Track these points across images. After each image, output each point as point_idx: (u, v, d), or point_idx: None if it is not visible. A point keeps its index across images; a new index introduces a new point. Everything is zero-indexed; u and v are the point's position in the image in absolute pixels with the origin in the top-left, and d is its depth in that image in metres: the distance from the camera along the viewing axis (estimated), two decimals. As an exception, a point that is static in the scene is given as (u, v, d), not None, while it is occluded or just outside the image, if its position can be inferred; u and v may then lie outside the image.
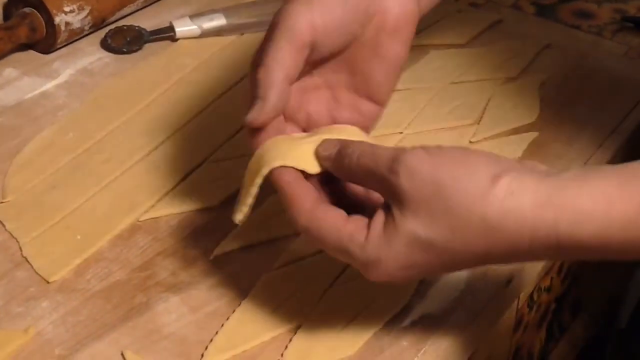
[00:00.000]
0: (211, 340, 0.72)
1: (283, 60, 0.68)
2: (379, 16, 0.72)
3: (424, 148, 0.63)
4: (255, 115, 0.69)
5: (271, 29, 0.70)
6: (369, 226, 0.64)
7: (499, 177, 0.60)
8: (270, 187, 0.85)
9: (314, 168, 0.68)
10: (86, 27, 1.03)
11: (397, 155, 0.63)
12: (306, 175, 0.68)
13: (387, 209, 0.63)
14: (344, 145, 0.67)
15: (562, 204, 0.59)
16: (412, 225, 0.62)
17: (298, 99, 0.73)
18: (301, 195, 0.66)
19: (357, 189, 0.69)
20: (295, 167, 0.67)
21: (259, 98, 0.68)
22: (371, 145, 0.66)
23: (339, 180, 0.69)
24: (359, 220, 0.64)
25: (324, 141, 0.68)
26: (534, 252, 0.61)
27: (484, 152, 0.63)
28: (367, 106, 0.75)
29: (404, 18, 0.73)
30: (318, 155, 0.68)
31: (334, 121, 0.74)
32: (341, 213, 0.65)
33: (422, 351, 0.72)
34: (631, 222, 0.58)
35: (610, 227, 0.58)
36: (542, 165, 0.64)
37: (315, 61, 0.72)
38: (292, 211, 0.66)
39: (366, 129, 0.74)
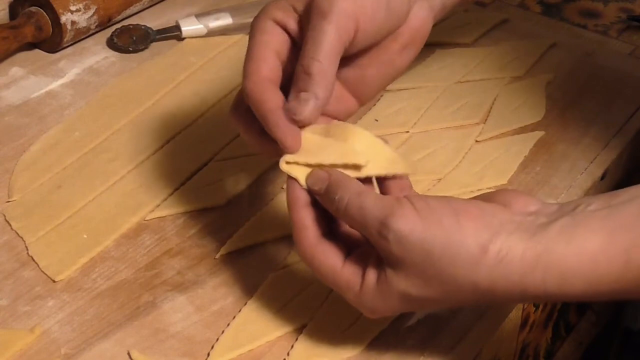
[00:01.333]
0: (217, 340, 0.72)
1: (334, 54, 0.67)
2: (401, 27, 0.72)
3: (414, 207, 0.62)
4: (306, 115, 0.67)
5: (317, 15, 0.67)
6: (363, 277, 0.65)
7: (488, 245, 0.61)
8: (275, 187, 0.85)
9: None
10: (92, 26, 1.03)
11: (385, 218, 0.62)
12: None
13: (380, 264, 0.64)
14: (332, 186, 0.66)
15: (548, 266, 0.60)
16: (405, 286, 0.63)
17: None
18: (308, 227, 0.66)
19: None
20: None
21: (311, 93, 0.67)
22: (358, 194, 0.64)
23: None
24: (354, 268, 0.65)
25: (313, 173, 0.67)
26: (527, 301, 0.69)
27: (473, 210, 0.63)
28: (350, 101, 0.74)
29: (420, 34, 0.73)
30: (308, 186, 0.67)
31: None
32: (339, 256, 0.66)
33: (427, 351, 0.72)
34: (616, 278, 0.59)
35: (597, 284, 0.60)
36: (530, 201, 0.64)
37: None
38: (297, 241, 0.67)
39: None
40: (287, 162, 0.68)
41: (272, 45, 0.69)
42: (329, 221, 0.68)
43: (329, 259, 0.66)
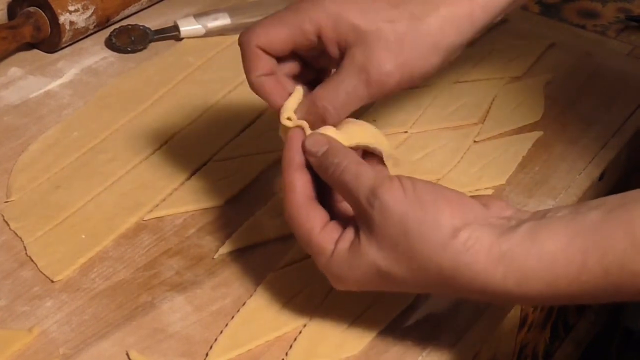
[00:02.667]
0: (216, 340, 0.72)
1: (352, 108, 0.72)
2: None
3: (401, 183, 0.65)
4: (318, 150, 0.70)
5: (354, 73, 0.70)
6: (337, 242, 0.67)
7: (459, 231, 0.63)
8: (273, 187, 0.85)
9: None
10: (91, 27, 1.03)
11: (376, 187, 0.65)
12: None
13: (356, 230, 0.66)
14: (331, 150, 0.69)
15: (510, 263, 0.62)
16: (375, 255, 0.65)
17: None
18: (297, 188, 0.69)
19: None
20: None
21: (324, 137, 0.70)
22: (357, 163, 0.68)
23: None
24: (330, 233, 0.67)
25: (313, 135, 0.70)
26: (486, 299, 0.67)
27: (453, 198, 0.65)
28: None
29: (387, 79, 0.72)
30: (304, 148, 0.69)
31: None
32: (321, 219, 0.68)
33: (426, 350, 0.72)
34: (573, 280, 0.61)
35: (555, 285, 0.62)
36: (507, 207, 0.66)
37: None
38: (284, 197, 0.69)
39: None
40: (288, 119, 0.71)
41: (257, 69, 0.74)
42: (318, 190, 0.70)
43: (309, 222, 0.68)
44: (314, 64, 0.75)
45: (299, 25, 0.71)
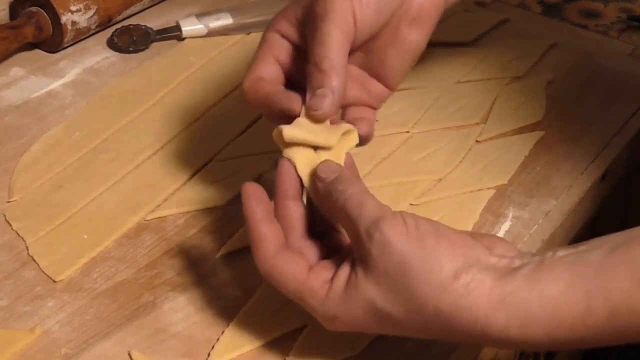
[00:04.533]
0: (218, 340, 0.72)
1: (342, 49, 0.69)
2: (405, 4, 0.73)
3: (404, 220, 0.63)
4: (326, 109, 0.69)
5: (317, 18, 0.69)
6: (332, 280, 0.65)
7: (460, 273, 0.61)
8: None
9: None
10: (93, 27, 1.03)
11: (378, 220, 0.63)
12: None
13: (353, 265, 0.64)
14: (340, 178, 0.67)
15: (512, 309, 0.60)
16: (372, 293, 0.63)
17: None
18: (266, 238, 0.66)
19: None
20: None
21: (327, 88, 0.69)
22: (362, 193, 0.66)
23: None
24: (321, 274, 0.66)
25: (326, 162, 0.68)
26: (487, 343, 0.66)
27: (455, 240, 0.63)
28: (376, 87, 0.76)
29: (427, 9, 0.73)
30: (316, 174, 0.68)
31: None
32: (303, 264, 0.66)
33: (427, 352, 0.72)
34: (577, 325, 0.59)
35: (557, 330, 0.60)
36: (511, 248, 0.65)
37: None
38: (254, 253, 0.67)
39: (372, 108, 0.76)
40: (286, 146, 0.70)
41: (272, 52, 0.72)
42: (311, 230, 0.69)
43: (292, 267, 0.66)
44: None
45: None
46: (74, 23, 1.00)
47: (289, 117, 0.70)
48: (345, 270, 0.65)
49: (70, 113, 0.94)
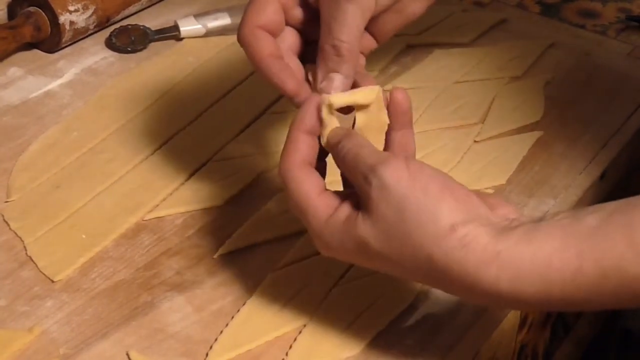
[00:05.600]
0: (216, 340, 0.72)
1: (360, 33, 0.71)
2: None
3: (407, 163, 0.64)
4: (337, 89, 0.70)
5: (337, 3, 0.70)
6: (335, 209, 0.66)
7: (457, 226, 0.62)
8: (273, 187, 0.85)
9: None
10: (91, 26, 1.03)
11: (375, 164, 0.64)
12: None
13: (356, 205, 0.65)
14: (342, 138, 0.68)
15: (504, 264, 0.61)
16: (368, 232, 0.64)
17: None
18: (297, 147, 0.68)
19: None
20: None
21: (342, 74, 0.70)
22: (359, 145, 0.66)
23: None
24: (329, 200, 0.66)
25: (335, 129, 0.69)
26: (475, 298, 0.64)
27: (460, 193, 0.64)
28: (369, 40, 0.77)
29: None
30: (329, 140, 0.68)
31: None
32: (318, 184, 0.67)
33: (426, 350, 0.72)
34: (568, 283, 0.60)
35: (550, 287, 0.60)
36: (514, 210, 0.66)
37: None
38: (283, 158, 0.68)
39: (361, 57, 0.76)
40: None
41: None
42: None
43: (307, 183, 0.67)
44: (314, 37, 0.74)
45: None
46: (72, 23, 1.00)
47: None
48: (347, 205, 0.65)
49: (69, 113, 0.94)
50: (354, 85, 0.72)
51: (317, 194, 0.67)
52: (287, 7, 0.73)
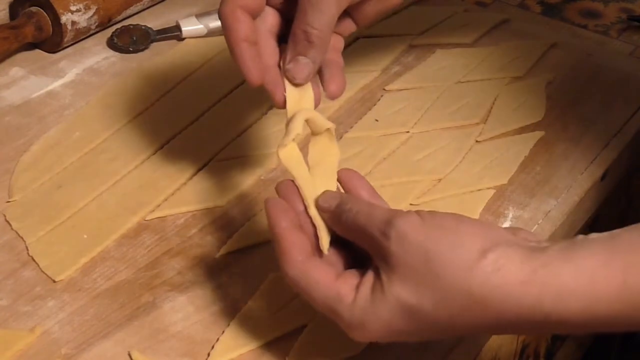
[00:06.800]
0: (218, 340, 0.72)
1: (334, 22, 0.71)
2: None
3: (418, 213, 0.63)
4: (303, 78, 0.72)
5: None
6: (357, 288, 0.64)
7: (487, 252, 0.59)
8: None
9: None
10: (92, 26, 1.03)
11: (390, 218, 0.63)
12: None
13: (377, 272, 0.63)
14: (343, 200, 0.67)
15: (545, 281, 0.58)
16: (399, 291, 0.61)
17: None
18: (295, 244, 0.66)
19: None
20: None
21: (309, 59, 0.71)
22: (369, 205, 0.66)
23: None
24: (348, 280, 0.64)
25: (325, 193, 0.68)
26: (521, 326, 0.61)
27: (476, 222, 0.62)
28: (349, 24, 0.77)
29: None
30: (317, 205, 0.68)
31: None
32: (331, 270, 0.65)
33: (427, 351, 0.72)
34: (613, 299, 0.58)
35: (595, 304, 0.58)
36: (533, 235, 0.64)
37: None
38: (282, 260, 0.66)
39: (339, 39, 0.77)
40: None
41: None
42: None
43: (321, 273, 0.65)
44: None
45: None
46: (73, 23, 1.00)
47: None
48: (370, 276, 0.63)
49: (70, 113, 0.94)
50: (320, 70, 0.73)
51: (333, 281, 0.64)
52: None
